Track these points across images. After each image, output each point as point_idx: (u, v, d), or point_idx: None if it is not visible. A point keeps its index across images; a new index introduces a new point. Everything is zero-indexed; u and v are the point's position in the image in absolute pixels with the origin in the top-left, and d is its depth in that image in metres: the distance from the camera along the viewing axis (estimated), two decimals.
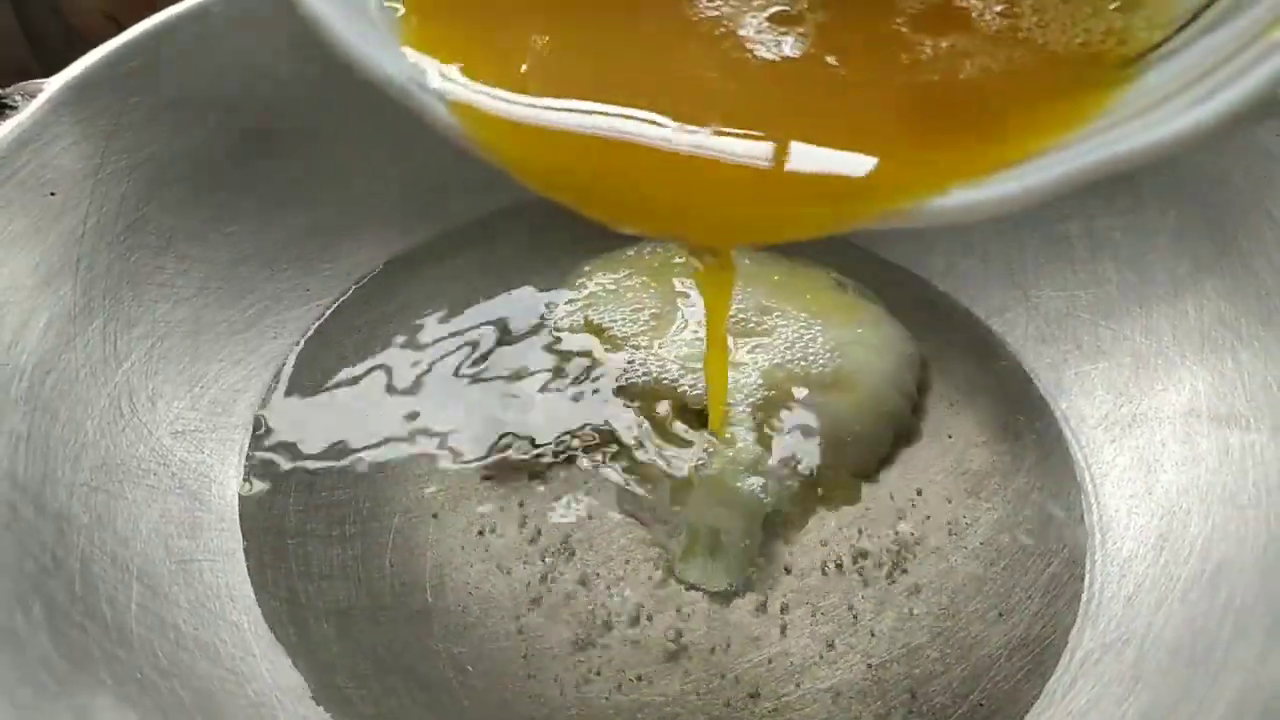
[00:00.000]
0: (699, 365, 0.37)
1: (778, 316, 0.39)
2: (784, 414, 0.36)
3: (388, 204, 0.42)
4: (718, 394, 0.35)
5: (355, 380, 0.39)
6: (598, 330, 0.38)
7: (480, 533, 0.34)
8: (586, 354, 0.38)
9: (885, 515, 0.35)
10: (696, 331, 0.38)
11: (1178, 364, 0.36)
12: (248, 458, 0.36)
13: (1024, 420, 0.38)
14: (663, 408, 0.36)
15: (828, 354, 0.38)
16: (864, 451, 0.37)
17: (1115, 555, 0.34)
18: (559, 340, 0.39)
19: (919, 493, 0.36)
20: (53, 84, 0.34)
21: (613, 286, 0.40)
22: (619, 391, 0.37)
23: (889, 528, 0.35)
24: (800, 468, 0.35)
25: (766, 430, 0.36)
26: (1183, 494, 0.34)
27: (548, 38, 0.23)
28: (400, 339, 0.40)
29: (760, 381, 0.37)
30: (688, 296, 0.39)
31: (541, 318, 0.40)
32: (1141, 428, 0.36)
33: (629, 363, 0.37)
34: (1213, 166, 0.35)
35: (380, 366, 0.39)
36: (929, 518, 0.35)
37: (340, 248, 0.41)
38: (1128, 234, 0.38)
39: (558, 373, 0.38)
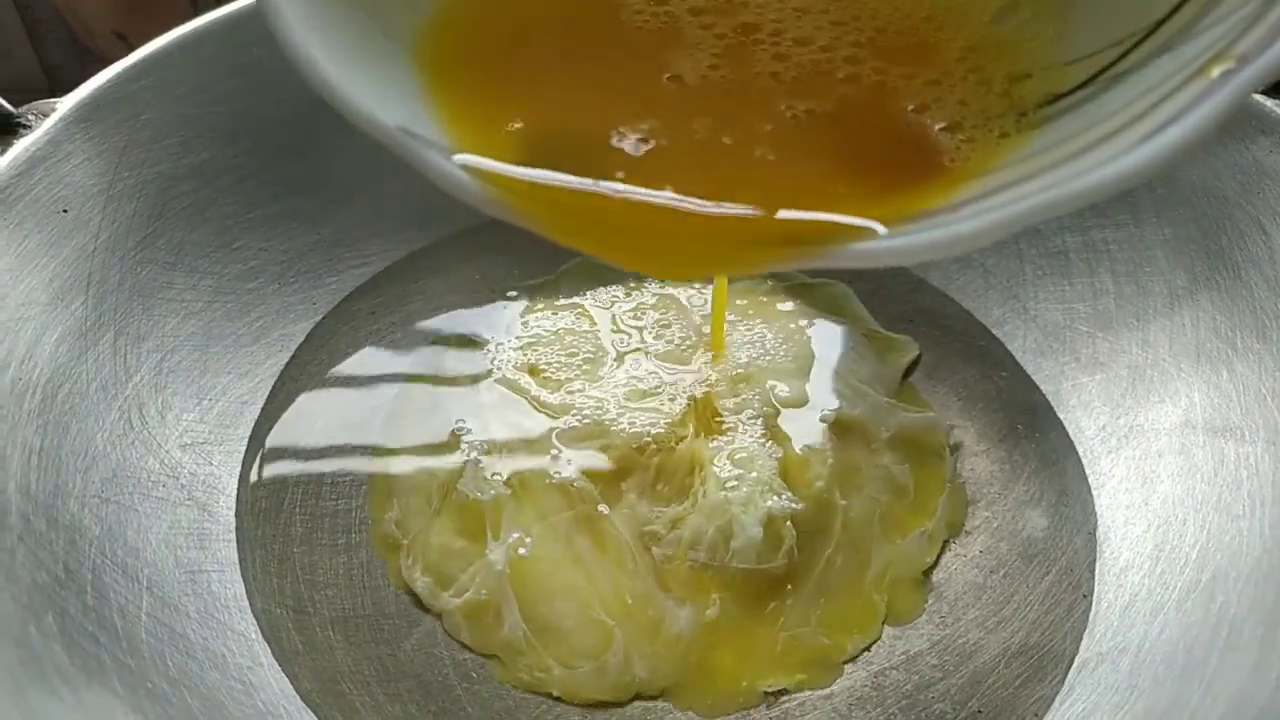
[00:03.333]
0: (633, 404, 0.37)
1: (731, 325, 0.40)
2: (782, 419, 0.37)
3: (393, 217, 0.43)
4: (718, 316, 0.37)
5: (359, 391, 0.39)
6: (535, 371, 0.39)
7: None
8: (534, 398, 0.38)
9: None
10: (630, 371, 0.39)
11: (1174, 376, 0.36)
12: (253, 469, 0.36)
13: (1023, 430, 0.38)
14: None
15: (783, 348, 0.39)
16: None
17: (1112, 565, 0.34)
18: (505, 379, 0.39)
19: None
20: (65, 103, 0.35)
21: (552, 328, 0.40)
22: (563, 436, 0.36)
23: None
24: (810, 473, 0.36)
25: (776, 437, 0.36)
26: (1179, 504, 0.34)
27: (553, 98, 0.25)
28: (403, 351, 0.40)
29: (743, 376, 0.38)
30: (622, 333, 0.40)
31: (489, 358, 0.40)
32: (1138, 439, 0.36)
33: (570, 407, 0.37)
34: (1208, 182, 0.36)
35: (384, 377, 0.40)
36: None
37: (346, 261, 0.42)
38: (1124, 248, 0.38)
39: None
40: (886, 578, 0.34)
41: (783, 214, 0.21)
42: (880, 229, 0.21)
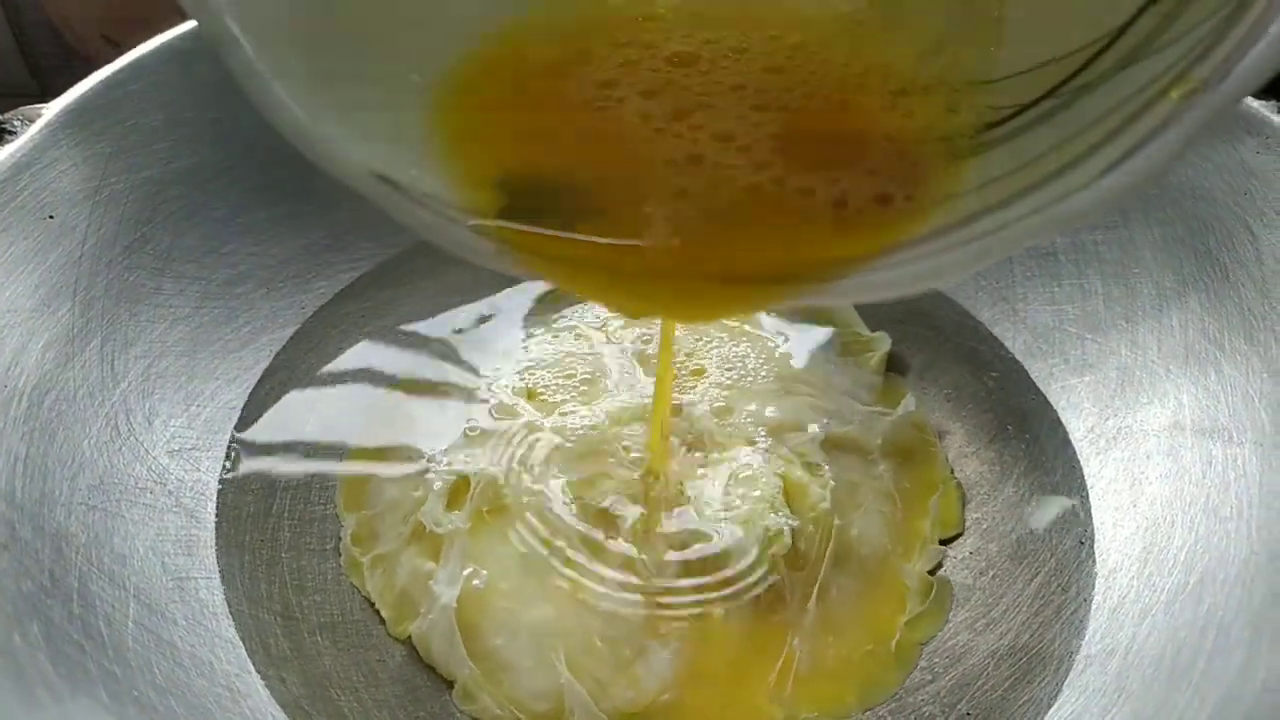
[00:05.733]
0: (628, 426, 0.37)
1: (703, 340, 0.40)
2: (776, 441, 0.37)
3: (381, 221, 0.42)
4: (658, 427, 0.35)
5: (347, 397, 0.39)
6: (532, 395, 0.38)
7: None
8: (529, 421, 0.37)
9: None
10: (632, 389, 0.38)
11: (1163, 377, 0.36)
12: (241, 474, 0.36)
13: (1012, 431, 0.38)
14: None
15: (764, 368, 0.39)
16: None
17: (1101, 566, 0.34)
18: (501, 404, 0.38)
19: None
20: (51, 108, 0.35)
21: (553, 352, 0.40)
22: (555, 458, 0.36)
23: None
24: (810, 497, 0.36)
25: (775, 458, 0.36)
26: (1167, 506, 0.34)
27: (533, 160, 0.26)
28: (392, 356, 0.40)
29: (727, 401, 0.38)
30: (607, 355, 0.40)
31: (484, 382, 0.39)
32: (1127, 440, 0.36)
33: (568, 428, 0.37)
34: (1195, 182, 0.36)
35: (372, 380, 0.40)
36: None
37: (336, 265, 0.42)
38: (1113, 249, 0.38)
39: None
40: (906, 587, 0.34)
41: (758, 257, 0.22)
42: (853, 265, 0.21)
